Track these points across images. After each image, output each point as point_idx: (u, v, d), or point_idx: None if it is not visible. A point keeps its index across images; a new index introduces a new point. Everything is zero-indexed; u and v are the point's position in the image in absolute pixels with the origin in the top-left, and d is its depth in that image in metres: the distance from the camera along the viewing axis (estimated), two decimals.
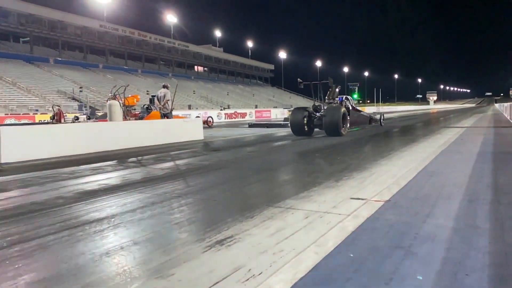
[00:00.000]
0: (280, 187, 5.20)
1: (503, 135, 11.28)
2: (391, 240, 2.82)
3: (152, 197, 4.46)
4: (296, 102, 77.87)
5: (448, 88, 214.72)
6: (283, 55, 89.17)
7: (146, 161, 7.99)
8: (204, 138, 12.75)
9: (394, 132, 14.93)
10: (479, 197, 3.96)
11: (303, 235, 3.01)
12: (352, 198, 4.13)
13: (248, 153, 9.34)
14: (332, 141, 11.84)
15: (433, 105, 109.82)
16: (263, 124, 21.24)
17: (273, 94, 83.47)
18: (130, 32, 60.09)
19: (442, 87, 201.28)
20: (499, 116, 26.73)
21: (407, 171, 5.59)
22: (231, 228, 3.22)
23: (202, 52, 75.13)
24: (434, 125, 19.00)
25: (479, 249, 2.59)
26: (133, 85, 49.17)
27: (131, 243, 2.97)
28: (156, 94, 13.32)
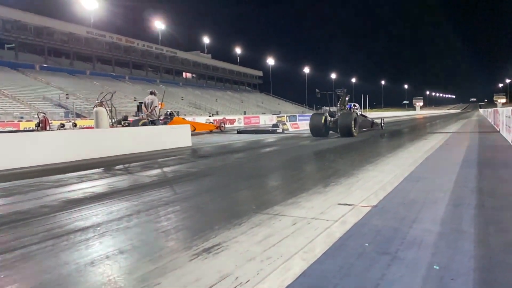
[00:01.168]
0: (268, 193, 5.19)
1: (487, 141, 11.47)
2: (378, 245, 2.83)
3: (139, 205, 4.41)
4: (284, 108, 78.25)
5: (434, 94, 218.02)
6: (271, 62, 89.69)
7: (133, 168, 7.92)
8: (192, 144, 12.70)
9: (381, 138, 15.07)
10: (464, 202, 4.00)
11: (291, 241, 3.01)
12: (340, 204, 4.14)
13: (236, 160, 9.32)
14: (320, 147, 11.91)
15: (419, 111, 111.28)
16: (252, 130, 21.28)
17: (262, 100, 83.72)
18: (117, 38, 59.81)
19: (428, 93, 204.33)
20: (483, 121, 27.21)
21: (394, 177, 5.64)
22: (218, 235, 3.20)
23: (190, 58, 75.11)
24: (420, 130, 19.25)
25: (464, 253, 2.62)
26: (121, 91, 48.90)
27: (117, 252, 2.93)
28: (144, 101, 13.23)
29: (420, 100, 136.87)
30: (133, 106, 42.04)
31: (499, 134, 13.28)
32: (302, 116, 47.54)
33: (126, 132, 11.86)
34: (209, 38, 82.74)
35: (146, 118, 13.06)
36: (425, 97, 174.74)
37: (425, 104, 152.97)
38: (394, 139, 14.47)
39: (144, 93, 40.72)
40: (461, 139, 12.46)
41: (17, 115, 33.52)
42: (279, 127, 21.29)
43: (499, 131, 14.14)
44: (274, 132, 19.87)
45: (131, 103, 44.99)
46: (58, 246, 3.10)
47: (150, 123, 12.84)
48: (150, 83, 60.07)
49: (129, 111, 40.79)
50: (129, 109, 42.06)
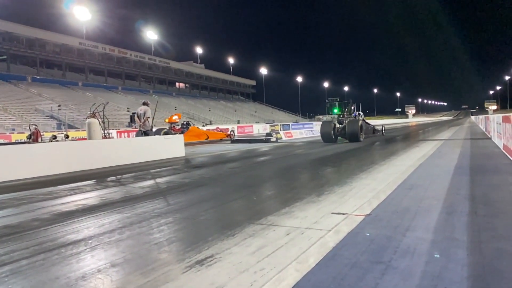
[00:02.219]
0: (262, 203, 5.17)
1: (479, 147, 11.56)
2: (372, 255, 2.82)
3: (131, 217, 4.37)
4: (278, 117, 78.47)
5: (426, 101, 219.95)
6: (264, 71, 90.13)
7: (125, 180, 7.86)
8: (186, 154, 12.66)
9: (374, 146, 15.13)
10: (457, 209, 4.02)
11: (284, 252, 2.99)
12: (333, 213, 4.14)
13: (230, 170, 9.30)
14: (314, 156, 11.94)
15: (411, 118, 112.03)
16: (246, 139, 21.24)
17: (255, 109, 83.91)
18: (110, 49, 59.81)
19: (420, 101, 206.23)
20: (475, 128, 27.46)
21: (387, 185, 5.66)
22: (211, 247, 3.18)
23: (183, 68, 75.26)
24: (412, 138, 19.37)
25: (457, 261, 2.62)
26: (114, 102, 48.76)
27: (109, 265, 2.89)
28: (136, 112, 13.20)
29: (413, 108, 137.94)
30: (126, 117, 41.92)
31: (490, 141, 13.40)
32: (295, 124, 47.69)
33: (118, 144, 11.82)
34: (202, 48, 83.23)
35: (139, 129, 13.01)
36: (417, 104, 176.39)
37: (418, 111, 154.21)
38: (387, 146, 14.53)
39: (137, 104, 40.64)
40: (453, 146, 12.55)
41: (9, 127, 33.25)
42: (273, 136, 21.30)
43: (491, 138, 14.27)
44: (268, 141, 19.87)
45: (124, 114, 44.85)
46: (49, 260, 3.06)
47: (143, 134, 12.80)
48: (143, 94, 60.03)
49: (122, 121, 40.68)
50: (122, 119, 41.94)
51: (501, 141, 9.87)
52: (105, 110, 11.81)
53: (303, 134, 26.47)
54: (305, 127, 43.63)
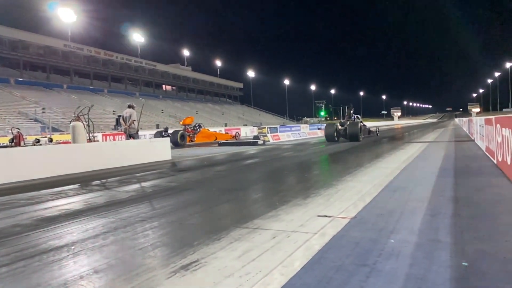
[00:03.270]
0: (249, 207, 5.15)
1: (463, 149, 11.74)
2: (357, 257, 2.83)
3: (116, 222, 4.32)
4: (265, 119, 78.61)
5: (411, 104, 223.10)
6: (252, 74, 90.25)
7: (110, 184, 7.77)
8: (172, 158, 12.57)
9: (359, 148, 15.25)
10: (441, 211, 4.07)
11: (270, 256, 2.98)
12: (319, 216, 4.15)
13: (217, 173, 9.26)
14: (301, 158, 11.98)
15: (397, 121, 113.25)
16: (233, 142, 21.20)
17: (243, 112, 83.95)
18: (95, 51, 59.25)
19: (406, 103, 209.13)
20: (459, 130, 27.91)
21: (372, 187, 5.70)
22: (197, 252, 3.15)
23: (170, 71, 74.93)
24: (398, 140, 19.57)
25: (440, 263, 2.64)
26: (99, 105, 48.24)
27: (92, 271, 2.84)
28: (122, 114, 13.06)
29: (398, 110, 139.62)
30: (112, 120, 41.52)
31: (473, 143, 13.63)
32: (283, 127, 47.78)
33: (103, 147, 11.68)
34: (189, 51, 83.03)
35: (125, 132, 12.88)
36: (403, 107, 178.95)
37: (403, 114, 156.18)
38: (373, 148, 14.66)
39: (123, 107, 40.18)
40: (437, 148, 12.73)
41: None
42: (260, 139, 21.31)
43: (474, 140, 14.51)
44: (255, 144, 19.88)
45: (110, 117, 44.42)
46: (30, 267, 3.00)
47: (129, 137, 12.68)
48: (129, 96, 59.54)
49: (108, 124, 40.26)
50: (108, 122, 41.51)
51: (484, 143, 10.04)
52: (90, 113, 11.67)
53: (290, 136, 26.54)
54: (292, 129, 43.76)
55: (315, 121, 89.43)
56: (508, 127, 5.79)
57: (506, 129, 5.93)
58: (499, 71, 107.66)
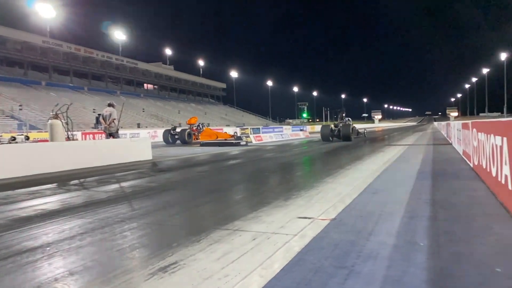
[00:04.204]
0: (229, 208, 5.14)
1: (441, 153, 11.98)
2: (336, 259, 2.85)
3: (93, 223, 4.24)
4: (248, 120, 78.62)
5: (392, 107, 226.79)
6: (235, 74, 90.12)
7: (89, 183, 7.63)
8: (153, 158, 12.43)
9: (340, 150, 15.41)
10: (419, 214, 4.13)
11: (250, 258, 2.97)
12: (300, 217, 4.16)
13: (198, 173, 9.21)
14: (283, 159, 12.02)
15: (378, 124, 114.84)
16: (215, 142, 21.10)
17: (226, 112, 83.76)
18: (75, 48, 58.13)
19: (386, 106, 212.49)
20: (437, 134, 28.49)
21: (352, 189, 5.75)
22: (175, 253, 3.11)
23: (151, 69, 74.18)
24: (378, 143, 19.86)
25: (417, 265, 2.68)
26: (79, 103, 47.40)
27: (67, 274, 2.78)
28: (102, 113, 12.85)
29: (379, 113, 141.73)
30: (92, 118, 40.81)
31: (451, 146, 13.93)
32: (266, 128, 47.75)
33: (82, 146, 11.47)
34: (171, 50, 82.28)
35: (105, 131, 12.67)
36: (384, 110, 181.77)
37: (384, 117, 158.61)
38: (353, 151, 14.83)
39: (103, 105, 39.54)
40: (416, 151, 12.96)
41: None
42: (243, 139, 21.29)
43: (451, 144, 14.83)
44: (238, 144, 19.86)
45: (90, 115, 43.66)
46: (2, 269, 2.91)
47: (109, 136, 12.48)
48: (110, 95, 58.67)
49: (88, 123, 39.57)
50: (88, 121, 40.79)
51: (461, 147, 10.28)
52: (69, 111, 11.44)
53: (273, 138, 26.58)
54: (275, 131, 43.77)
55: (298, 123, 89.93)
56: (483, 132, 5.93)
57: (482, 133, 6.08)
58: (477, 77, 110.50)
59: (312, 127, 64.54)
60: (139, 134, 28.70)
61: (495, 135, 4.81)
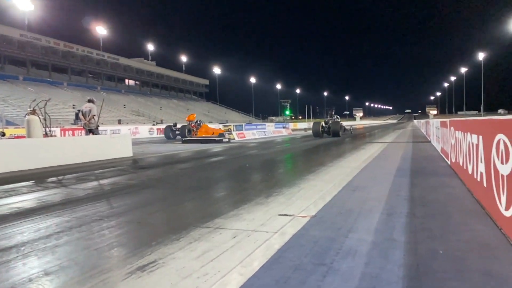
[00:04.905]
0: (210, 206, 5.11)
1: (420, 150, 12.20)
2: (315, 257, 2.87)
3: (71, 221, 4.15)
4: (231, 117, 78.42)
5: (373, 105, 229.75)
6: (218, 71, 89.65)
7: (67, 181, 7.47)
8: (134, 154, 12.27)
9: (322, 147, 15.54)
10: (397, 211, 4.19)
11: (230, 256, 2.97)
12: (280, 215, 4.17)
13: (180, 171, 9.14)
14: (266, 157, 12.03)
15: (359, 121, 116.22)
16: (198, 139, 20.96)
17: (208, 109, 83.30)
18: (54, 43, 56.78)
19: (368, 104, 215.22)
20: (417, 131, 28.99)
21: (333, 186, 5.81)
22: (154, 252, 3.08)
23: (133, 65, 73.10)
24: (359, 140, 20.08)
25: (394, 262, 2.72)
26: (58, 98, 46.40)
27: (42, 274, 2.72)
28: (81, 109, 12.61)
29: (360, 111, 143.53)
30: (72, 114, 40.01)
31: (430, 144, 14.19)
32: (248, 125, 47.81)
33: (61, 142, 11.24)
34: (154, 45, 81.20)
35: (84, 127, 12.44)
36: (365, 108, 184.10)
37: (365, 114, 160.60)
38: (335, 148, 14.96)
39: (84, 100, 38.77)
40: (396, 148, 13.16)
41: None
42: (225, 136, 21.22)
43: (430, 141, 15.12)
44: (220, 141, 19.77)
45: (70, 111, 42.80)
46: None
47: (88, 133, 12.26)
48: (91, 90, 57.60)
49: (67, 119, 38.79)
50: (67, 117, 39.98)
51: (439, 145, 10.48)
52: (48, 107, 11.18)
53: (255, 135, 26.60)
54: (258, 128, 43.93)
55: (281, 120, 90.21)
56: (461, 130, 6.06)
57: (459, 132, 6.21)
58: (455, 76, 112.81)
59: (295, 124, 64.84)
60: (120, 131, 28.27)
61: (472, 133, 4.91)
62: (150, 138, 29.59)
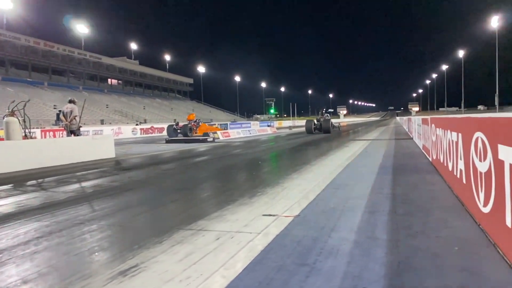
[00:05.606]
0: (194, 207, 5.08)
1: (402, 147, 12.37)
2: (298, 257, 2.87)
3: (51, 226, 4.07)
4: (216, 116, 78.13)
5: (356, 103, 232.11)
6: (202, 69, 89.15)
7: (47, 184, 7.33)
8: (117, 155, 12.11)
9: (307, 145, 15.61)
10: (379, 209, 4.24)
11: (213, 258, 2.95)
12: (264, 215, 4.17)
13: (163, 172, 9.05)
14: (250, 156, 12.03)
15: (343, 119, 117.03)
16: (182, 139, 20.82)
17: (193, 108, 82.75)
18: (34, 42, 55.59)
19: (351, 102, 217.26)
20: (400, 128, 29.39)
21: (316, 185, 5.84)
22: (136, 256, 3.04)
23: (116, 64, 72.13)
24: (343, 138, 20.25)
25: (376, 260, 2.75)
26: (39, 99, 45.51)
27: (20, 282, 2.65)
28: (62, 110, 12.37)
29: (344, 109, 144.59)
30: (53, 115, 39.27)
31: (412, 141, 14.40)
32: (233, 124, 47.74)
33: (41, 144, 11.02)
34: (137, 44, 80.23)
35: (65, 128, 12.21)
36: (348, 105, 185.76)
37: (348, 112, 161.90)
38: (319, 147, 15.05)
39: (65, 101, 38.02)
40: (379, 146, 13.31)
41: None
42: (210, 135, 21.13)
43: (412, 138, 15.34)
44: (205, 141, 19.67)
45: (51, 111, 42.00)
46: None
47: (70, 134, 12.04)
48: (72, 90, 56.65)
49: (48, 119, 38.06)
50: (48, 117, 39.23)
51: (421, 142, 10.64)
52: (28, 108, 10.94)
53: (240, 134, 26.55)
54: (242, 126, 43.93)
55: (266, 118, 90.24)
56: (441, 128, 6.16)
57: (440, 129, 6.31)
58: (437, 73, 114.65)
59: (280, 123, 65.04)
60: (102, 131, 27.88)
61: (451, 131, 5.00)
62: (133, 138, 29.28)
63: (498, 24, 48.34)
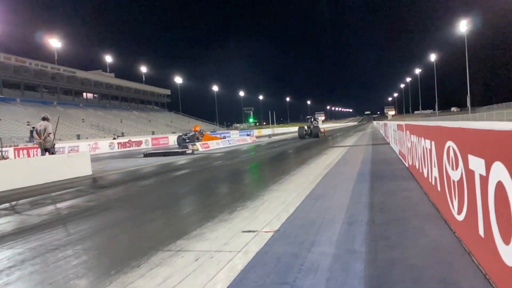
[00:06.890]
0: (172, 225, 5.00)
1: (379, 153, 12.55)
2: (278, 275, 2.86)
3: (24, 253, 3.94)
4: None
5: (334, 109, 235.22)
6: (180, 80, 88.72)
7: (20, 206, 7.10)
8: (93, 172, 11.87)
9: (286, 155, 15.68)
10: (357, 219, 4.28)
11: (192, 281, 2.91)
12: (244, 231, 4.15)
13: (142, 188, 8.90)
14: (231, 167, 11.98)
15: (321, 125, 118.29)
16: (160, 152, 20.53)
17: (171, 119, 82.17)
18: (5, 57, 54.27)
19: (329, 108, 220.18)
20: (377, 133, 29.88)
21: (296, 196, 5.86)
22: (114, 282, 2.97)
23: (91, 78, 71.08)
24: (322, 144, 20.42)
25: (355, 275, 2.76)
26: (11, 115, 44.31)
27: None
28: (35, 127, 12.05)
29: (322, 115, 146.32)
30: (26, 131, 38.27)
31: (389, 146, 14.65)
32: (213, 134, 47.47)
33: (13, 164, 10.70)
34: (112, 57, 79.29)
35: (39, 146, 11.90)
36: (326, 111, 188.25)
37: (326, 118, 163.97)
38: (299, 155, 15.14)
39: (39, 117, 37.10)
40: (356, 152, 13.48)
41: None
42: (189, 147, 20.93)
43: (389, 143, 15.60)
44: (184, 153, 19.45)
45: (24, 128, 40.90)
46: None
47: (44, 152, 11.74)
48: (46, 105, 55.45)
49: (22, 136, 37.06)
50: (21, 134, 38.20)
51: (397, 147, 10.84)
52: (0, 126, 10.63)
53: (220, 144, 26.31)
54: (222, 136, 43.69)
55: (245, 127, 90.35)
56: (415, 135, 6.29)
57: (414, 136, 6.44)
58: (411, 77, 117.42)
59: (259, 131, 65.14)
60: (78, 147, 27.32)
61: (425, 138, 5.10)
62: (110, 153, 28.75)
63: (467, 27, 49.92)
